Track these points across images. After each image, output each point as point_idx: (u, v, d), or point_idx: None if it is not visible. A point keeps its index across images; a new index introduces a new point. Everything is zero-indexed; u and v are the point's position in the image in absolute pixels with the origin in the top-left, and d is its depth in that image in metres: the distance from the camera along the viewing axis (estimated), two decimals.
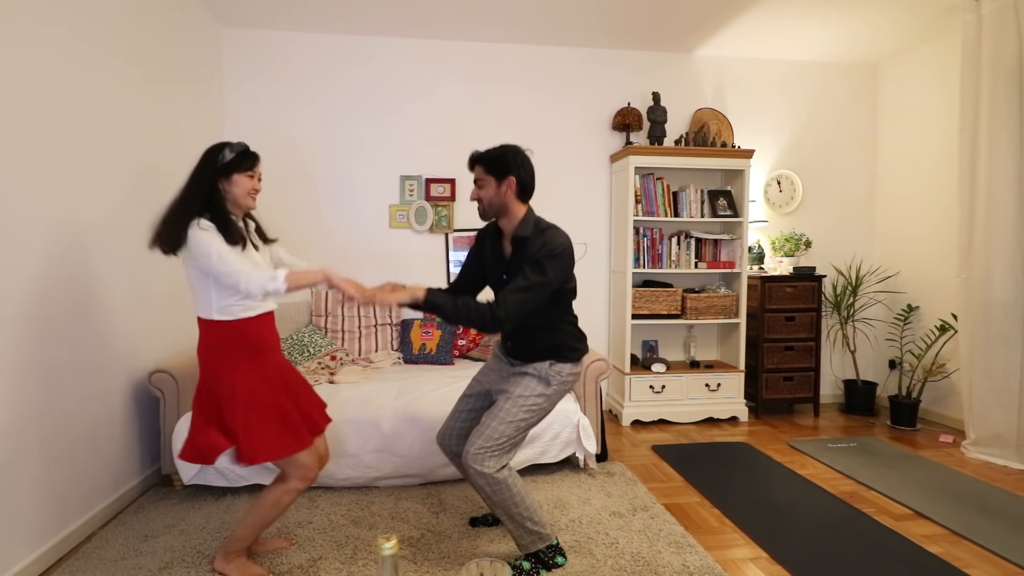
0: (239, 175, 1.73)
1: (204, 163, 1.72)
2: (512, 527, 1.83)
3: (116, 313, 2.36)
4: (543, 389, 1.84)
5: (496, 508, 1.79)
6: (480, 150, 1.85)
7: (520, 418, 1.80)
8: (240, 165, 1.73)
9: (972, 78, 3.03)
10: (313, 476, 1.81)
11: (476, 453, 1.75)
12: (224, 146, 1.73)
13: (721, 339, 3.99)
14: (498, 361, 2.02)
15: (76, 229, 2.10)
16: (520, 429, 1.81)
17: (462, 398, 2.08)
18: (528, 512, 1.80)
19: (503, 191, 1.79)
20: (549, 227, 1.82)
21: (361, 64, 3.63)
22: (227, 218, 1.71)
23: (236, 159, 1.72)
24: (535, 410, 1.83)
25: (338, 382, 2.87)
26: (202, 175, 1.70)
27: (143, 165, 2.56)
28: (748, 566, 1.97)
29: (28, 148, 1.85)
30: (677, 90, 3.93)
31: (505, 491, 1.76)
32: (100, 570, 1.89)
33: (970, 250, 3.07)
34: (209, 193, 1.69)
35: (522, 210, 1.84)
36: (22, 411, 1.83)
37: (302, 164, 3.56)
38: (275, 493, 1.78)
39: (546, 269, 1.72)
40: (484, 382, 2.03)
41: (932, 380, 3.61)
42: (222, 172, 1.71)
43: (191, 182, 1.71)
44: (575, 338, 1.92)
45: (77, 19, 2.11)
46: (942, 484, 2.65)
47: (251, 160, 1.76)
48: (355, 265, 3.62)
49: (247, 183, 1.75)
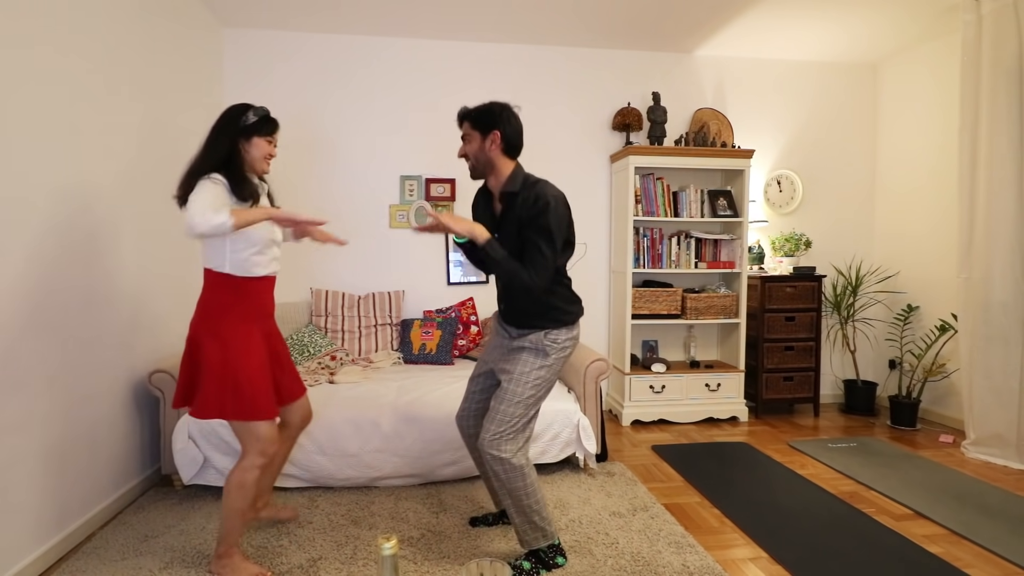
0: (259, 138, 1.78)
1: (225, 122, 1.76)
2: (519, 520, 1.83)
3: (116, 313, 2.36)
4: (542, 361, 1.82)
5: (507, 497, 1.80)
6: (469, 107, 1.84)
7: (527, 395, 1.79)
8: (261, 128, 1.78)
9: (972, 78, 3.03)
10: (271, 451, 1.78)
11: (492, 439, 1.76)
12: (247, 108, 1.77)
13: (721, 339, 3.99)
14: (498, 335, 2.00)
15: (76, 229, 2.10)
16: (529, 407, 1.80)
17: (472, 379, 2.07)
18: (537, 506, 1.81)
19: (487, 146, 1.79)
20: (539, 181, 1.79)
21: (361, 64, 3.63)
22: (242, 174, 1.75)
23: (259, 122, 1.77)
24: (539, 384, 1.82)
25: (338, 382, 2.87)
26: (222, 133, 1.74)
27: (142, 163, 2.56)
28: (748, 566, 1.97)
29: (26, 147, 1.85)
30: (677, 90, 3.93)
31: (520, 479, 1.77)
32: (100, 570, 1.89)
33: (970, 250, 3.07)
34: (228, 151, 1.72)
35: (509, 166, 1.82)
36: (22, 411, 1.83)
37: (302, 164, 3.56)
38: (236, 476, 1.76)
39: (550, 225, 1.70)
40: (488, 360, 2.01)
41: (932, 380, 3.61)
42: (242, 133, 1.75)
43: (210, 140, 1.75)
44: (568, 299, 1.88)
45: (77, 18, 2.11)
46: (942, 484, 2.65)
47: (272, 125, 1.81)
48: (355, 264, 3.63)
49: (265, 147, 1.80)
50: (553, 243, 1.71)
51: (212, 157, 1.71)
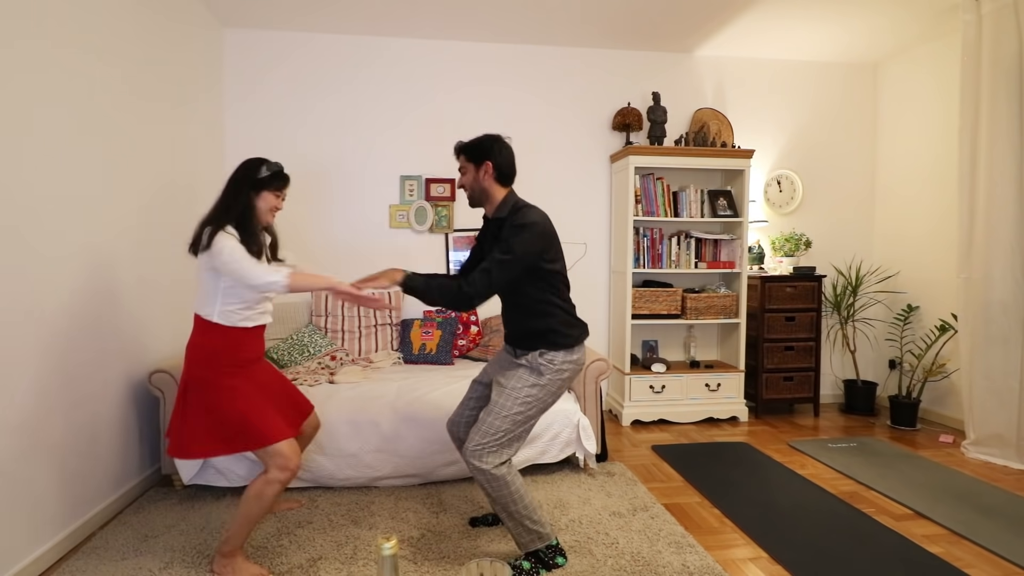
0: (268, 192, 1.85)
1: (242, 175, 1.84)
2: (511, 525, 1.83)
3: (117, 313, 2.36)
4: (535, 380, 1.83)
5: (495, 505, 1.80)
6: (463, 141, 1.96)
7: (515, 411, 1.80)
8: (271, 184, 1.85)
9: (972, 78, 3.03)
10: (293, 466, 1.80)
11: (473, 449, 1.78)
12: (262, 163, 1.85)
13: (721, 339, 3.99)
14: (504, 352, 2.04)
15: (76, 229, 2.10)
16: (517, 423, 1.81)
17: (472, 385, 2.12)
18: (527, 511, 1.81)
19: (481, 176, 1.89)
20: (525, 206, 1.86)
21: (362, 64, 3.63)
22: (254, 228, 1.82)
23: (270, 178, 1.85)
24: (530, 402, 1.82)
25: (338, 382, 2.87)
26: (240, 186, 1.82)
27: (142, 164, 2.55)
28: (748, 566, 1.97)
29: (24, 144, 1.85)
30: (677, 90, 3.93)
31: (503, 488, 1.76)
32: (100, 570, 1.89)
33: (970, 250, 3.07)
34: (244, 204, 1.80)
35: (502, 193, 1.91)
36: (22, 411, 1.83)
37: (302, 164, 3.56)
38: (257, 485, 1.79)
39: (512, 244, 1.75)
40: (489, 371, 2.06)
41: (932, 380, 3.61)
42: (253, 187, 1.82)
43: (228, 192, 1.82)
44: (567, 323, 1.89)
45: (75, 17, 2.11)
46: (942, 484, 2.65)
47: (282, 181, 1.89)
48: (355, 264, 3.62)
49: (272, 200, 1.88)
50: (507, 262, 1.75)
51: (231, 209, 1.78)
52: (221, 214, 1.78)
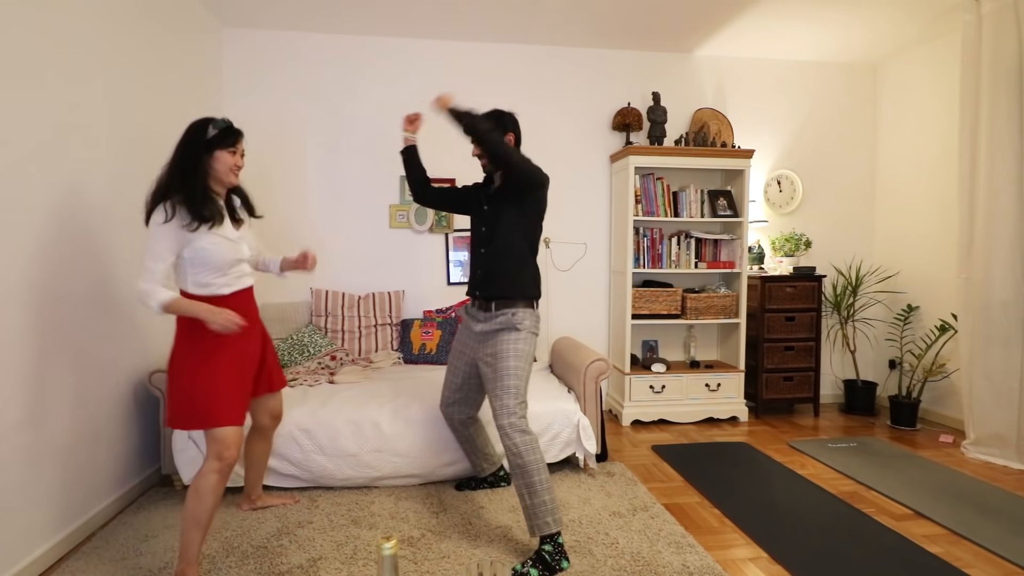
0: (221, 151, 1.76)
1: (187, 139, 1.74)
2: (531, 501, 1.88)
3: (116, 313, 2.36)
4: (516, 334, 2.04)
5: (520, 477, 1.88)
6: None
7: (515, 365, 1.99)
8: (223, 141, 1.75)
9: (972, 78, 3.03)
10: (228, 456, 1.72)
11: (511, 413, 1.92)
12: (208, 122, 1.75)
13: (721, 339, 3.99)
14: (466, 327, 2.21)
15: (75, 230, 2.10)
16: (521, 376, 1.99)
17: (450, 369, 2.30)
18: (549, 483, 1.90)
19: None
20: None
21: (361, 64, 3.63)
22: (207, 195, 1.73)
23: (219, 135, 1.74)
24: (521, 355, 2.02)
25: (338, 382, 2.87)
26: (185, 151, 1.72)
27: (142, 163, 2.55)
28: (748, 566, 1.97)
29: (25, 148, 1.85)
30: (677, 90, 3.93)
31: (536, 452, 1.90)
32: (100, 570, 1.89)
33: (970, 250, 3.07)
34: (193, 169, 1.71)
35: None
36: (23, 411, 1.83)
37: (302, 163, 3.56)
38: (194, 481, 1.72)
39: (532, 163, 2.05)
40: (466, 351, 2.21)
41: (932, 380, 3.61)
42: (205, 148, 1.73)
43: (174, 158, 1.73)
44: (536, 279, 2.14)
45: (75, 17, 2.11)
46: (942, 484, 2.65)
47: (233, 136, 1.78)
48: (355, 264, 3.63)
49: (229, 159, 1.78)
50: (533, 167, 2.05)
51: (176, 176, 1.70)
52: (168, 180, 1.69)
